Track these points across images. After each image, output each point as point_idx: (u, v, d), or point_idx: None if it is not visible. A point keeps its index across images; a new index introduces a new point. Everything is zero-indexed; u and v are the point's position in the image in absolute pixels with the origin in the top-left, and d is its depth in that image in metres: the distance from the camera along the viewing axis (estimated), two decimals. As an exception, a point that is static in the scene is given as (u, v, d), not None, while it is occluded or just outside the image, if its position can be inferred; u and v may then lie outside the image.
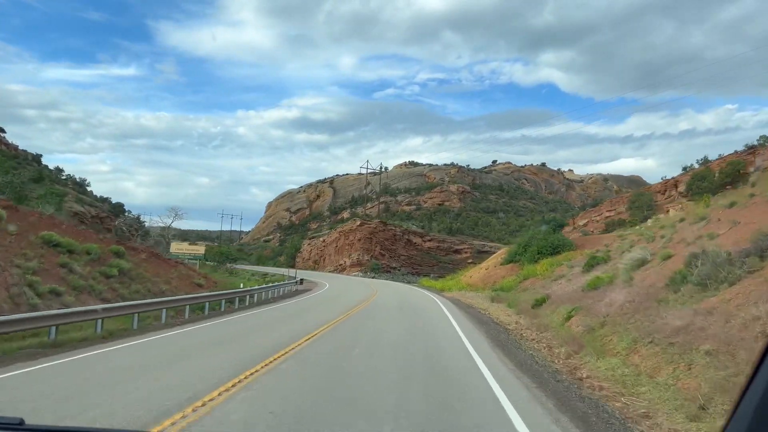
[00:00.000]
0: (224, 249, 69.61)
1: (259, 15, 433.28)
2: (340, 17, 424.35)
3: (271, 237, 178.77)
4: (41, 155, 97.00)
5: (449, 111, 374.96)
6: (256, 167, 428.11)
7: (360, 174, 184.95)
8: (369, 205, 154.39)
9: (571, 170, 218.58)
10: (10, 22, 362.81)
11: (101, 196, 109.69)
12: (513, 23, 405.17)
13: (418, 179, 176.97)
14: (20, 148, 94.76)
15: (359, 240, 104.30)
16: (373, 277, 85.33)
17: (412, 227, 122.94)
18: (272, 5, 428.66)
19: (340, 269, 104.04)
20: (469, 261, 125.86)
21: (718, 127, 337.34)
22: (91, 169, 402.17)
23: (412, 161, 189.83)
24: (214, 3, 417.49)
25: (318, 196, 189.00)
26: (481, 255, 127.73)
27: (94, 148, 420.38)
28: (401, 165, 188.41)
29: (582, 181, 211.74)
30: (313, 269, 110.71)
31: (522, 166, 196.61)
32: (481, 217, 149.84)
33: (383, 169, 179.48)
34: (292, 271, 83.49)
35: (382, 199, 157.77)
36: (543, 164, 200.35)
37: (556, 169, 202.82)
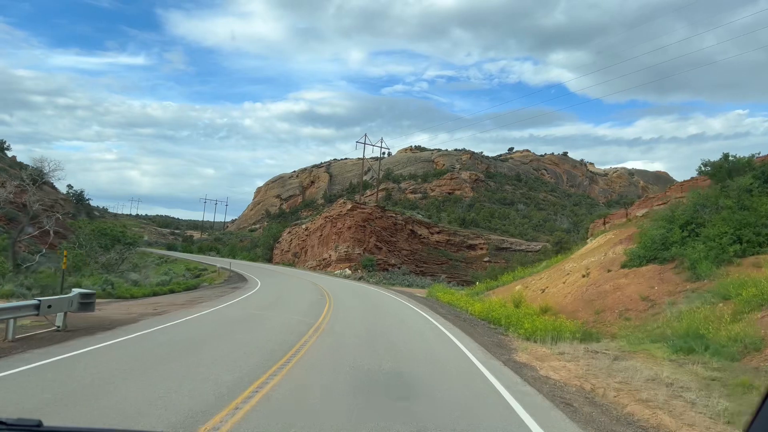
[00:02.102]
0: (110, 227, 43.16)
1: (269, 6, 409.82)
2: (350, 11, 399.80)
3: (257, 226, 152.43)
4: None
5: (457, 109, 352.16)
6: (261, 160, 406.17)
7: (359, 159, 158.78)
8: (369, 191, 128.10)
9: (591, 163, 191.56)
10: (19, 7, 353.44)
11: (22, 162, 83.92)
12: (523, 22, 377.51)
13: (425, 165, 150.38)
14: None
15: (349, 228, 78.11)
16: (360, 278, 58.85)
17: (417, 216, 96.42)
18: None
19: (324, 265, 77.78)
20: (486, 259, 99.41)
21: (728, 132, 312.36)
22: (97, 157, 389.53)
23: (419, 146, 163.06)
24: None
25: (312, 182, 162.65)
26: (500, 252, 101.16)
27: (100, 136, 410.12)
28: (406, 149, 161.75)
29: (606, 175, 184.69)
30: (292, 264, 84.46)
31: (542, 155, 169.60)
32: (498, 209, 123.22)
33: (384, 153, 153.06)
34: (271, 266, 57.18)
35: (383, 186, 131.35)
36: (565, 154, 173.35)
37: (578, 160, 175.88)
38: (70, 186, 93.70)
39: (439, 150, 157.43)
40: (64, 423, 5.93)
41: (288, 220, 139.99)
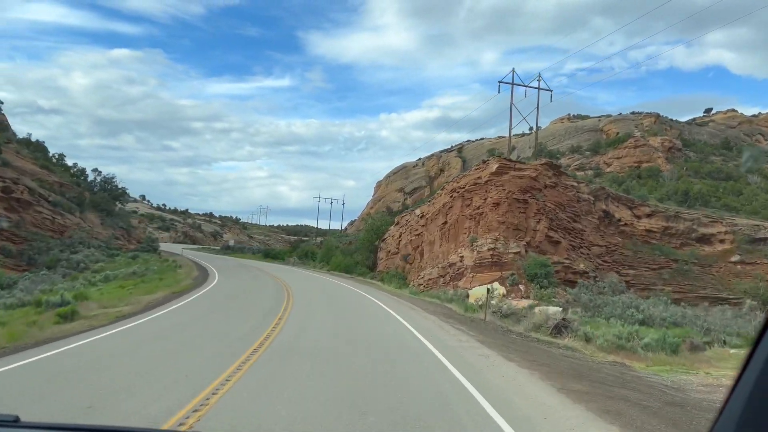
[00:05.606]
0: None
1: (401, 17, 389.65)
2: (481, 12, 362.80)
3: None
4: None
5: (600, 101, 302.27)
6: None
7: (500, 138, 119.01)
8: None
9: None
10: (180, 44, 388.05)
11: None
12: (673, 2, 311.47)
13: (591, 135, 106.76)
14: None
15: (496, 206, 39.86)
16: (539, 329, 19.84)
17: (611, 190, 55.37)
18: (413, 6, 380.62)
19: (452, 276, 39.90)
20: (734, 258, 54.98)
21: None
22: (250, 175, 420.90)
23: (579, 114, 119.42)
24: (358, 9, 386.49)
25: (442, 170, 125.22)
26: (756, 245, 56.72)
27: (252, 156, 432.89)
28: (562, 119, 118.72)
29: None
30: (397, 278, 47.44)
31: (755, 116, 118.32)
32: (721, 185, 77.19)
33: (537, 125, 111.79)
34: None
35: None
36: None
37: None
38: (97, 171, 64.87)
39: (609, 115, 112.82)
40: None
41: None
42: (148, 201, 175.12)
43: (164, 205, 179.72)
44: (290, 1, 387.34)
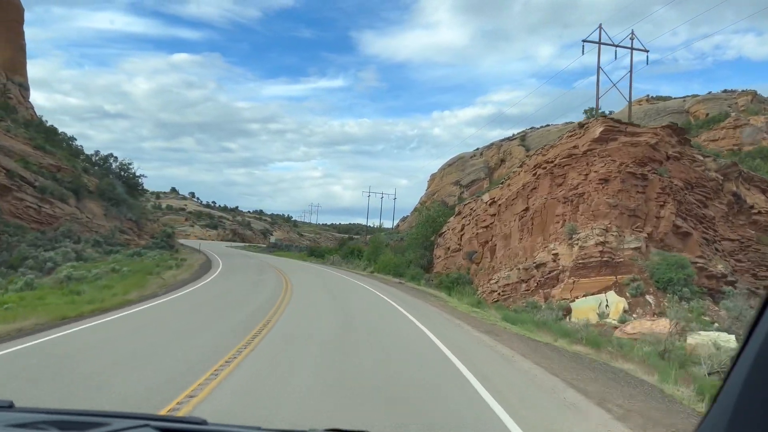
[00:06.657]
0: None
1: (454, 13, 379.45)
2: (537, 6, 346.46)
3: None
4: None
5: (662, 94, 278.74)
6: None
7: (567, 124, 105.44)
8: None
9: None
10: (238, 47, 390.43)
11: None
12: None
13: (676, 117, 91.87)
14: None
15: (603, 183, 28.58)
16: None
17: (743, 168, 42.49)
18: (466, 1, 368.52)
19: (545, 282, 28.73)
20: None
21: None
22: (305, 175, 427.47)
23: (660, 95, 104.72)
24: (410, 7, 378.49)
25: (502, 161, 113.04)
26: None
27: (306, 156, 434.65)
28: (640, 101, 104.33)
29: None
30: (467, 284, 36.51)
31: None
32: None
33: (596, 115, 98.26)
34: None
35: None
36: None
37: None
38: (113, 157, 56.82)
39: (695, 95, 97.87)
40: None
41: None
42: (197, 198, 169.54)
43: (214, 202, 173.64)
44: (343, 1, 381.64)
